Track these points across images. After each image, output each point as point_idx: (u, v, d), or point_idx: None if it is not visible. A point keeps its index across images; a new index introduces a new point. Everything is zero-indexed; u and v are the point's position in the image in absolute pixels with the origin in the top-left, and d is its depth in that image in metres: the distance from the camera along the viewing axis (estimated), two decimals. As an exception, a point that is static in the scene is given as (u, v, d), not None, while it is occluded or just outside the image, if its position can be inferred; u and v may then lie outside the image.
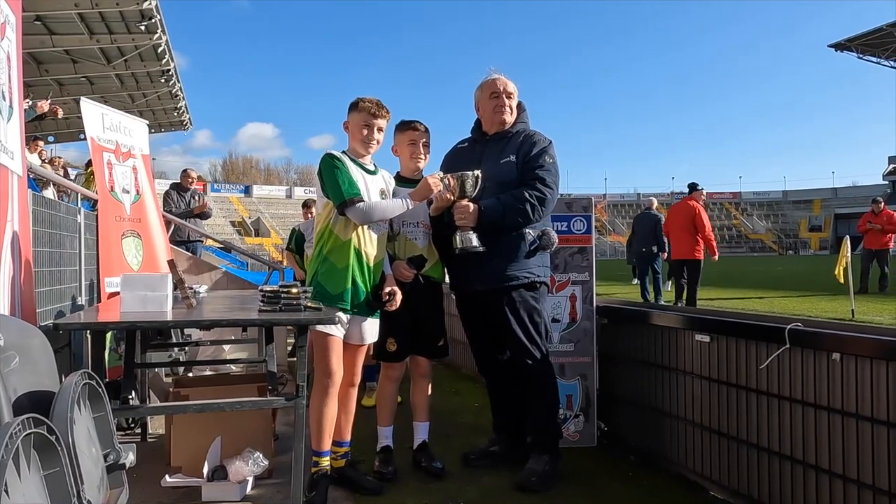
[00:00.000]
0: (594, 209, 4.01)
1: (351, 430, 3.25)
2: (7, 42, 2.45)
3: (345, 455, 3.20)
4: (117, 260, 4.01)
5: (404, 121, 3.43)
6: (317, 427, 3.01)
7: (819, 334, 2.54)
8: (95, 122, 4.13)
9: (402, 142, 3.40)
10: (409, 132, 3.38)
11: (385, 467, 3.30)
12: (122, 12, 11.30)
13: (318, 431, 3.02)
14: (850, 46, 33.29)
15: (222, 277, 6.17)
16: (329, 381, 2.97)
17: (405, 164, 3.43)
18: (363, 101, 3.07)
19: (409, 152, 3.39)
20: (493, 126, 3.40)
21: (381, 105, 3.08)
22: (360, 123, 3.07)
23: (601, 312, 3.89)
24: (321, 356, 2.98)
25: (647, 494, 3.09)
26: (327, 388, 2.97)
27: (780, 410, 2.66)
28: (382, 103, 3.09)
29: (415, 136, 3.37)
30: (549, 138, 3.35)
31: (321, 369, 2.98)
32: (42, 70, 13.35)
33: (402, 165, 3.46)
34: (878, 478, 2.28)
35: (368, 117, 3.05)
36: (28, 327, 2.11)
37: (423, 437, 3.48)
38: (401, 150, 3.43)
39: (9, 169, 2.44)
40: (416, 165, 3.39)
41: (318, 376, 3.00)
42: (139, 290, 2.70)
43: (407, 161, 3.41)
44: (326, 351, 2.96)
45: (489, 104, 3.38)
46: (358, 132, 3.08)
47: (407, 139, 3.38)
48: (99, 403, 2.06)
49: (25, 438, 1.44)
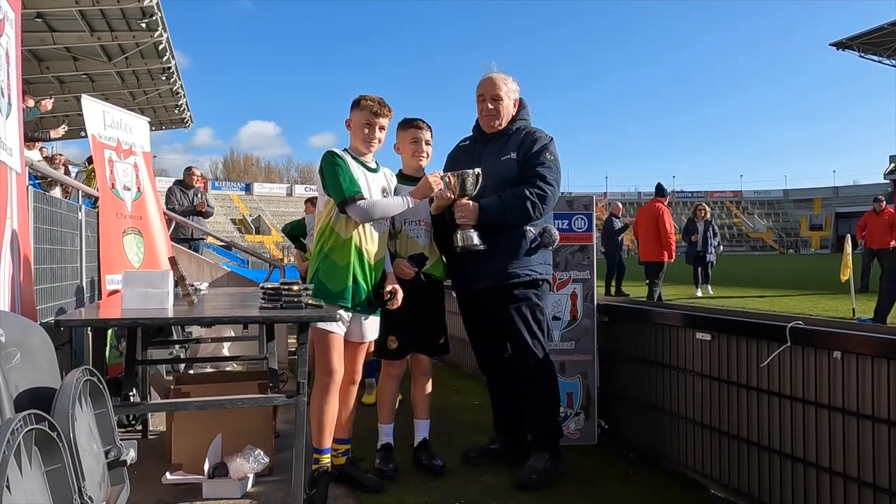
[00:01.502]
0: (595, 207, 4.00)
1: (351, 427, 3.25)
2: (6, 39, 2.45)
3: (345, 452, 3.21)
4: (118, 257, 4.01)
5: (407, 119, 3.44)
6: (317, 424, 3.01)
7: (820, 333, 2.54)
8: (97, 120, 4.13)
9: (404, 140, 3.41)
10: (412, 130, 3.39)
11: (385, 465, 3.30)
12: (122, 9, 11.30)
13: (319, 429, 3.02)
14: (851, 45, 33.23)
15: (223, 275, 6.17)
16: (330, 379, 2.97)
17: (407, 162, 3.44)
18: (365, 98, 3.06)
19: (410, 150, 3.39)
20: (485, 127, 3.41)
21: (383, 104, 3.06)
22: (361, 122, 3.06)
23: (602, 310, 3.88)
24: (322, 354, 2.98)
25: (648, 493, 3.09)
26: (328, 386, 2.98)
27: (780, 409, 2.66)
28: (385, 102, 3.08)
29: (417, 134, 3.38)
30: (550, 135, 3.34)
31: (322, 367, 2.98)
32: (43, 67, 13.34)
33: (405, 163, 3.46)
34: (879, 476, 2.28)
35: (370, 116, 3.04)
36: (29, 324, 2.11)
37: (423, 435, 3.48)
38: (403, 149, 3.43)
39: (7, 166, 2.43)
40: (419, 164, 3.39)
41: (319, 374, 3.00)
42: (140, 287, 2.71)
43: (409, 159, 3.41)
44: (327, 348, 2.96)
45: (478, 107, 3.40)
46: (360, 130, 3.07)
47: (409, 137, 3.39)
48: (100, 400, 2.07)
49: (27, 434, 1.44)
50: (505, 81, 3.35)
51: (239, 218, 62.32)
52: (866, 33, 31.94)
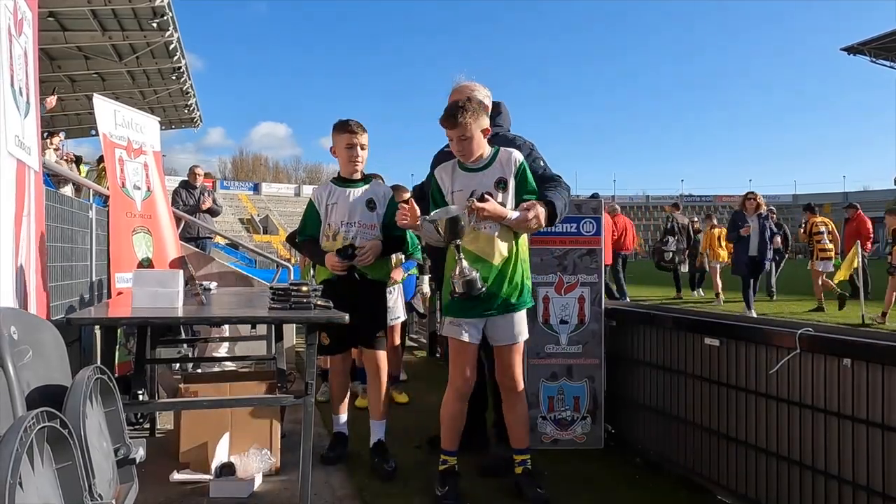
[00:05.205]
0: (603, 211, 3.99)
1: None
2: (24, 38, 2.47)
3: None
4: (128, 256, 4.04)
5: (342, 121, 3.45)
6: (444, 427, 3.08)
7: (830, 339, 2.53)
8: (108, 119, 4.16)
9: (339, 143, 3.45)
10: (346, 135, 3.42)
11: (331, 451, 3.48)
12: (134, 9, 11.39)
13: (445, 431, 3.08)
14: (862, 50, 32.99)
15: (230, 274, 6.19)
16: (459, 383, 3.00)
17: (343, 166, 3.49)
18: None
19: (346, 155, 3.43)
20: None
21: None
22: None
23: (609, 314, 3.88)
24: (451, 359, 3.04)
25: (654, 498, 3.08)
26: (457, 389, 3.01)
27: (789, 415, 2.65)
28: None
29: (352, 139, 3.41)
30: (530, 141, 3.38)
31: (451, 372, 3.03)
32: (54, 66, 13.46)
33: (341, 167, 3.51)
34: (889, 485, 2.26)
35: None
36: (41, 322, 2.13)
37: (378, 436, 3.45)
38: (339, 153, 3.47)
39: (26, 164, 2.46)
40: (354, 168, 3.46)
41: (450, 378, 3.05)
42: (150, 286, 2.72)
43: (345, 164, 3.47)
44: (455, 355, 3.00)
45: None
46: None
47: (344, 142, 3.43)
48: (110, 398, 2.08)
49: (39, 432, 1.45)
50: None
51: (247, 217, 62.54)
52: (878, 38, 31.70)
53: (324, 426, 4.05)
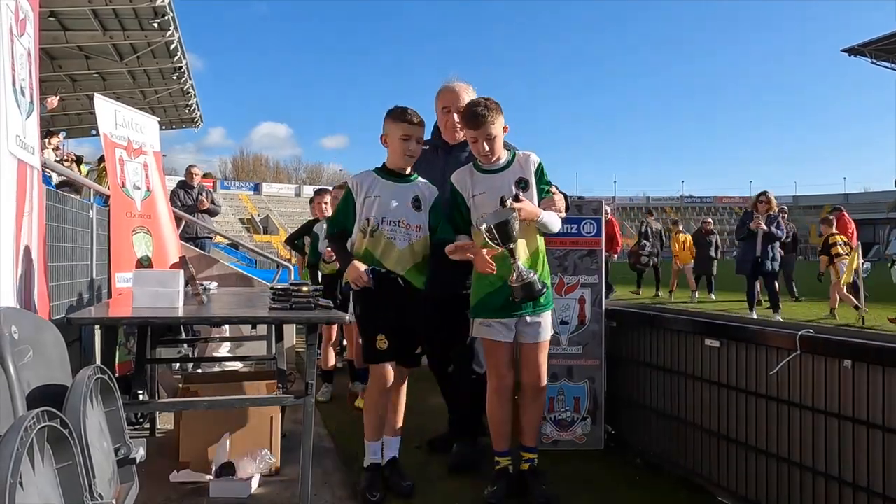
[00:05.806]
0: (604, 212, 3.99)
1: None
2: (27, 38, 2.47)
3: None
4: (128, 256, 4.04)
5: (399, 109, 3.08)
6: (491, 429, 3.10)
7: (830, 341, 2.52)
8: (108, 119, 4.16)
9: (394, 133, 3.06)
10: (404, 125, 3.05)
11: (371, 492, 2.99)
12: (135, 9, 11.40)
13: (492, 433, 3.10)
14: (863, 51, 32.98)
15: (230, 274, 6.20)
16: (495, 383, 3.02)
17: (394, 158, 3.11)
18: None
19: (401, 148, 3.06)
20: (450, 140, 3.43)
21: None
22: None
23: (610, 315, 3.88)
24: (486, 360, 3.06)
25: (654, 499, 3.08)
26: (495, 390, 3.02)
27: (789, 417, 2.65)
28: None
29: (410, 130, 3.04)
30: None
31: (488, 372, 3.06)
32: (55, 66, 13.47)
33: (391, 158, 3.12)
34: (889, 487, 2.26)
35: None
36: (42, 321, 2.13)
37: (393, 453, 3.21)
38: (391, 142, 3.08)
39: (28, 164, 2.46)
40: (406, 164, 3.11)
41: (487, 379, 3.07)
42: (151, 285, 2.73)
43: (398, 157, 3.09)
44: (489, 355, 3.03)
45: (441, 118, 3.42)
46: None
47: (400, 132, 3.04)
48: (110, 398, 2.08)
49: (39, 431, 1.45)
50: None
51: (247, 218, 62.53)
52: (879, 40, 31.69)
53: (324, 426, 4.05)
